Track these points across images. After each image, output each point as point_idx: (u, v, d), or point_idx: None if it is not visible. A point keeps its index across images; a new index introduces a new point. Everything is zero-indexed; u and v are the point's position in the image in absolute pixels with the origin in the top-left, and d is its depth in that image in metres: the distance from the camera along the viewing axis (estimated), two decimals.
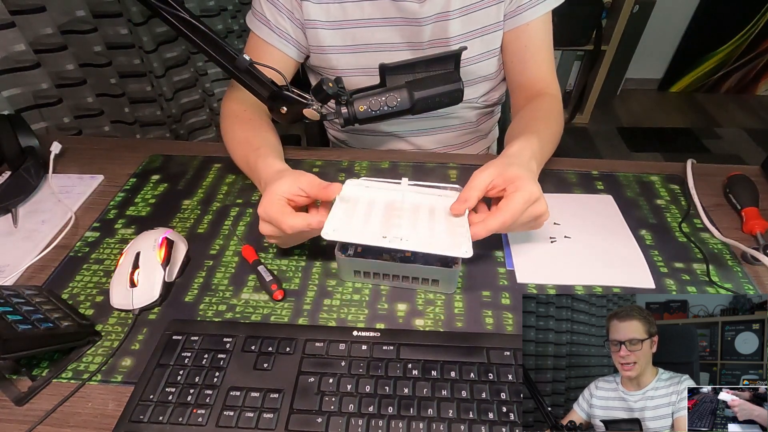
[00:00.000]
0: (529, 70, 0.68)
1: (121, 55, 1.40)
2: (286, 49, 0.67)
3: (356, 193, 0.52)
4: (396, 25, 0.65)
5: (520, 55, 0.68)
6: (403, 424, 0.37)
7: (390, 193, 0.53)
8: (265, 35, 0.67)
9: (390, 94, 0.56)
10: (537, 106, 0.65)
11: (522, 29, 0.66)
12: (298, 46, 0.69)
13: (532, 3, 0.64)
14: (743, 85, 2.41)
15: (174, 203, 0.61)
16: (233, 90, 0.67)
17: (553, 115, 0.64)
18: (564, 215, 0.58)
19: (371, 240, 0.45)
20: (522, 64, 0.68)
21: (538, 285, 0.50)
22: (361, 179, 0.55)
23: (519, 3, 0.64)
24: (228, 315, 0.48)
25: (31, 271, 0.52)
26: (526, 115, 0.64)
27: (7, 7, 1.03)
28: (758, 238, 0.53)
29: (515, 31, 0.66)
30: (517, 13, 0.65)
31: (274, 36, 0.66)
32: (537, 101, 0.66)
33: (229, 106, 0.66)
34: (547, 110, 0.64)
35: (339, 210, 0.48)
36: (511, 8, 0.65)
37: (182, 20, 0.51)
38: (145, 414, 0.38)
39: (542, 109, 0.64)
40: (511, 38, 0.67)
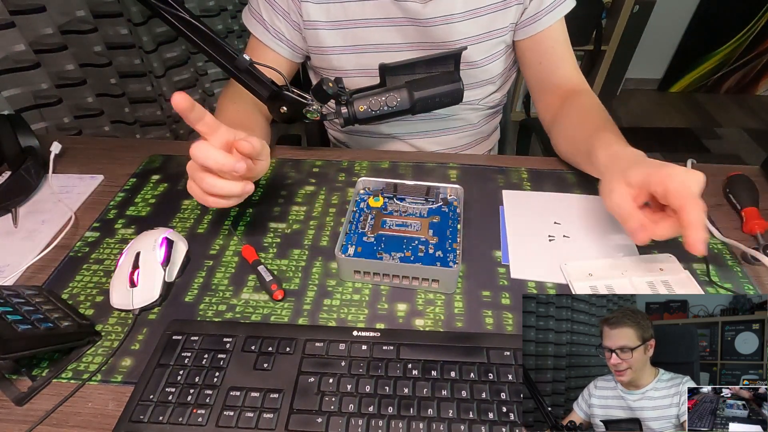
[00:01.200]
0: (558, 72, 0.69)
1: (121, 55, 1.41)
2: (280, 49, 0.67)
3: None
4: (399, 25, 0.65)
5: (546, 59, 0.69)
6: (403, 424, 0.37)
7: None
8: (259, 35, 0.67)
9: (390, 94, 0.56)
10: (584, 103, 0.65)
11: (543, 34, 0.66)
12: (293, 47, 0.68)
13: (549, 8, 0.64)
14: (743, 85, 2.41)
15: (174, 203, 0.61)
16: (226, 88, 0.68)
17: (602, 107, 0.64)
18: (565, 215, 0.58)
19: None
20: (550, 66, 0.69)
21: (531, 281, 0.50)
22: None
23: (537, 9, 0.64)
24: (228, 315, 0.48)
25: (31, 271, 0.52)
26: (583, 113, 0.64)
27: (7, 7, 1.04)
28: (758, 238, 0.53)
29: (536, 37, 0.67)
30: (535, 19, 0.65)
31: (268, 36, 0.66)
32: (579, 99, 0.66)
33: (220, 100, 0.67)
34: (597, 105, 0.64)
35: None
36: (528, 15, 0.65)
37: (182, 20, 0.51)
38: (145, 414, 0.38)
39: (594, 106, 0.64)
40: (533, 44, 0.68)
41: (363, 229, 0.52)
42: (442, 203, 0.56)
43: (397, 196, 0.57)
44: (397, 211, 0.55)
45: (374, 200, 0.55)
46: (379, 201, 0.55)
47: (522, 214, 0.59)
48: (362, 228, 0.52)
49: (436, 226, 0.53)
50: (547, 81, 0.71)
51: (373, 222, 0.53)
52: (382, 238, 0.51)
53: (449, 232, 0.52)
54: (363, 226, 0.53)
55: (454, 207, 0.55)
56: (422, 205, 0.55)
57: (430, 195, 0.56)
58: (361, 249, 0.50)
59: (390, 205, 0.56)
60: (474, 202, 0.60)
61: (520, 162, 0.68)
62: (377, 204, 0.55)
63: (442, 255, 0.49)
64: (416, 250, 0.50)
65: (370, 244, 0.51)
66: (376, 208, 0.55)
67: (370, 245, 0.50)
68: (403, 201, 0.56)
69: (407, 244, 0.51)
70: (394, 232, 0.52)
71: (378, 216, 0.54)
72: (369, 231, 0.52)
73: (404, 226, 0.53)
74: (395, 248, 0.50)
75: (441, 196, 0.56)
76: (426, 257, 0.49)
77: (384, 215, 0.54)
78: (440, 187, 0.56)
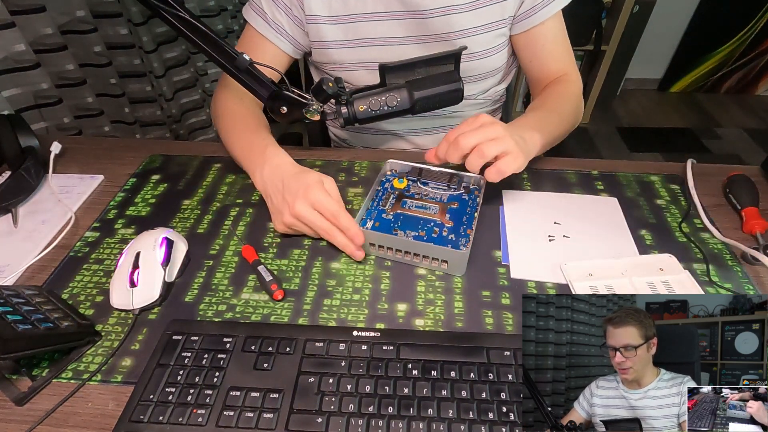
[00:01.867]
0: (548, 65, 0.69)
1: (121, 55, 1.40)
2: (281, 44, 0.68)
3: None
4: (399, 18, 0.65)
5: (538, 54, 0.69)
6: (403, 424, 0.37)
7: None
8: (261, 28, 0.67)
9: (390, 94, 0.56)
10: (549, 89, 0.67)
11: (537, 30, 0.66)
12: (294, 43, 0.69)
13: (544, 2, 0.64)
14: (743, 85, 2.41)
15: (174, 203, 0.61)
16: (225, 90, 0.68)
17: (564, 95, 0.65)
18: (565, 215, 0.58)
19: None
20: (540, 60, 0.69)
21: (531, 281, 0.50)
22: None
23: (533, 3, 0.65)
24: (228, 315, 0.48)
25: (31, 271, 0.52)
26: (543, 95, 0.66)
27: (7, 7, 1.03)
28: (758, 238, 0.53)
29: (531, 32, 0.67)
30: (531, 14, 0.65)
31: (270, 30, 0.67)
32: (552, 85, 0.68)
33: (224, 103, 0.67)
34: (558, 91, 0.66)
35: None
36: (524, 9, 0.65)
37: (182, 20, 0.51)
38: (145, 414, 0.38)
39: (553, 91, 0.66)
40: (528, 39, 0.68)
41: (384, 206, 0.55)
42: (464, 191, 0.58)
43: (420, 180, 0.60)
44: (419, 194, 0.58)
45: (398, 182, 0.58)
46: (403, 183, 0.58)
47: (522, 214, 0.59)
48: (383, 206, 0.56)
49: (453, 212, 0.55)
50: (535, 76, 0.72)
51: (394, 201, 0.56)
52: (400, 217, 0.54)
53: (465, 219, 0.54)
54: (384, 204, 0.56)
55: (475, 196, 0.57)
56: (444, 191, 0.58)
57: (452, 182, 0.59)
58: (379, 224, 0.54)
59: (413, 188, 0.59)
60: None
61: None
62: (401, 186, 0.58)
63: (454, 238, 0.52)
64: (431, 231, 0.53)
65: (387, 221, 0.54)
66: (399, 189, 0.58)
67: (387, 222, 0.54)
68: (426, 185, 0.59)
69: (423, 224, 0.54)
70: (413, 213, 0.55)
71: (400, 196, 0.57)
72: (389, 209, 0.55)
73: (423, 208, 0.55)
74: (411, 227, 0.53)
75: (463, 185, 0.59)
76: (438, 238, 0.52)
77: (405, 196, 0.57)
78: (463, 176, 0.59)
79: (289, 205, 0.51)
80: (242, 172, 0.62)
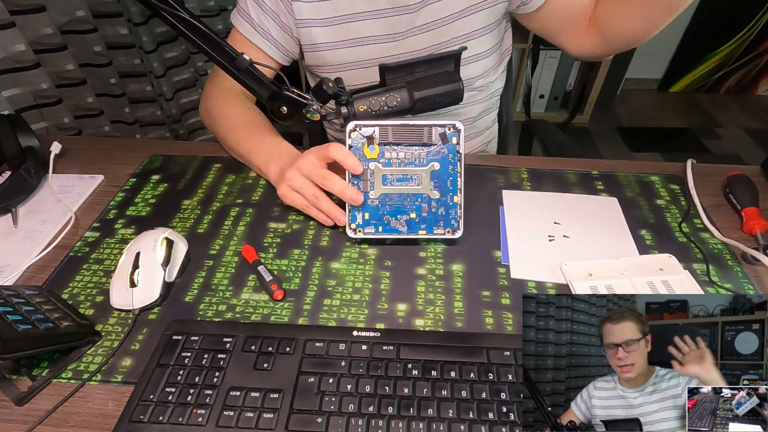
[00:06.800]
0: (579, 4, 0.65)
1: (121, 55, 1.41)
2: (268, 49, 0.68)
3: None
4: (387, 16, 0.66)
5: (563, 12, 0.66)
6: (403, 424, 0.37)
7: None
8: (248, 34, 0.67)
9: (390, 94, 0.56)
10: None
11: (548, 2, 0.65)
12: (282, 49, 0.69)
13: None
14: (743, 85, 2.41)
15: (174, 203, 0.61)
16: (215, 91, 0.68)
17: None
18: (565, 215, 0.58)
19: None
20: (570, 13, 0.66)
21: (531, 281, 0.50)
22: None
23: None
24: (228, 315, 0.48)
25: (31, 271, 0.52)
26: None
27: (7, 7, 1.04)
28: (758, 238, 0.53)
29: (544, 6, 0.65)
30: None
31: (257, 36, 0.67)
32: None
33: (228, 108, 0.67)
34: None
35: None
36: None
37: (182, 20, 0.51)
38: (145, 414, 0.38)
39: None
40: (548, 11, 0.66)
41: (365, 189, 0.53)
42: (441, 140, 0.53)
43: (393, 143, 0.53)
44: (395, 159, 0.53)
45: (370, 150, 0.53)
46: (375, 151, 0.53)
47: (522, 214, 0.59)
48: (364, 188, 0.53)
49: (436, 176, 0.53)
50: (573, 19, 0.67)
51: (373, 180, 0.53)
52: (386, 200, 0.53)
53: (450, 182, 0.53)
54: (365, 186, 0.53)
55: (453, 145, 0.53)
56: (420, 149, 0.53)
57: (426, 136, 0.53)
58: (369, 215, 0.53)
59: (387, 151, 0.53)
60: (474, 202, 0.60)
61: (520, 162, 0.68)
62: (373, 155, 0.53)
63: (444, 213, 0.52)
64: (420, 209, 0.53)
65: (375, 208, 0.53)
66: (373, 160, 0.53)
67: (375, 209, 0.53)
68: (399, 146, 0.53)
69: (410, 203, 0.53)
70: (396, 190, 0.53)
71: (377, 171, 0.53)
72: (372, 193, 0.53)
73: (405, 180, 0.53)
74: (400, 210, 0.53)
75: (439, 132, 0.53)
76: (430, 217, 0.52)
77: (383, 169, 0.53)
78: (437, 125, 0.53)
79: (284, 177, 0.55)
80: (242, 172, 0.62)
